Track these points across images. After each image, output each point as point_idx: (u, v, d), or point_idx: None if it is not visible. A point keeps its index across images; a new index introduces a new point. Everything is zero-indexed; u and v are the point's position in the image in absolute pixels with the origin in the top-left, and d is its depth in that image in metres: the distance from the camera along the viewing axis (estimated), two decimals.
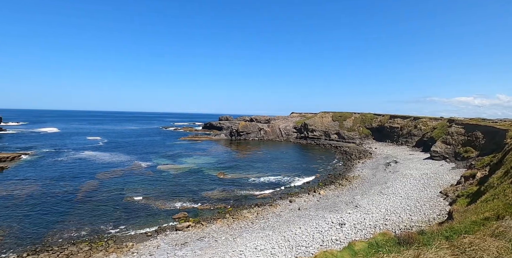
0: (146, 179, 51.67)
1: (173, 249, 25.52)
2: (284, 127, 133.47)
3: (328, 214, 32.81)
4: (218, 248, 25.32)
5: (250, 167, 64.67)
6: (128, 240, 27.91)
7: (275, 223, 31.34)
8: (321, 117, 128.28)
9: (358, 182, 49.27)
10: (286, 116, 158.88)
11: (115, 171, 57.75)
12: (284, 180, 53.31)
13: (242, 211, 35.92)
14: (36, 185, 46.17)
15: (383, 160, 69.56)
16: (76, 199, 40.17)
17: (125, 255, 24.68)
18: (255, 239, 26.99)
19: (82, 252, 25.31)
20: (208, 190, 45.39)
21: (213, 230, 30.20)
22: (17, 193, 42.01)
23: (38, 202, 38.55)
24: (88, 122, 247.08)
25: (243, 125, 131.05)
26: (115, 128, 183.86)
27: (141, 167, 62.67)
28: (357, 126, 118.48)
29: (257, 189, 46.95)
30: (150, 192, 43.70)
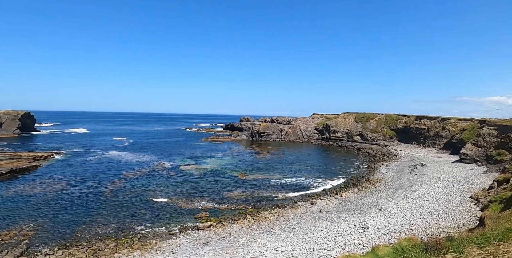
0: (169, 179, 52.87)
1: (195, 248, 25.93)
2: (306, 128, 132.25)
3: (350, 217, 32.15)
4: (239, 249, 25.46)
5: (271, 168, 64.58)
6: (151, 238, 28.65)
7: (296, 225, 31.10)
8: (343, 118, 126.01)
9: (382, 185, 47.93)
10: (308, 117, 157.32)
11: (140, 170, 59.55)
12: (306, 182, 52.78)
13: (263, 212, 35.92)
14: (67, 183, 48.47)
15: (408, 163, 67.26)
16: (103, 197, 41.77)
17: (149, 252, 25.36)
18: (276, 240, 26.91)
19: (108, 248, 26.29)
20: (229, 191, 45.77)
21: (234, 230, 30.40)
22: (49, 190, 44.32)
23: (68, 199, 40.45)
24: (115, 123, 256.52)
25: (264, 126, 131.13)
26: (139, 129, 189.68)
27: (165, 167, 64.22)
28: (381, 127, 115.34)
29: (278, 190, 46.79)
30: (173, 192, 44.68)
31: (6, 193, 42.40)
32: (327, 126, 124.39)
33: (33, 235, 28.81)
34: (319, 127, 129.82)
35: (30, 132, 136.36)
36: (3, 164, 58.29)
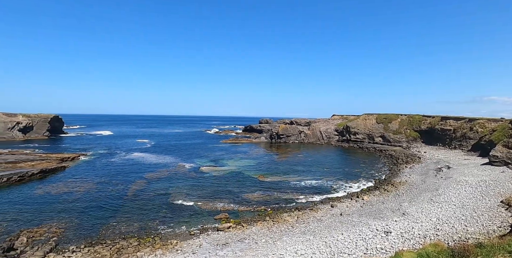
0: (190, 180, 53.70)
1: (215, 249, 26.15)
2: (325, 129, 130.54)
3: (372, 221, 31.35)
4: (258, 250, 25.43)
5: (290, 170, 64.18)
6: (172, 238, 29.16)
7: (316, 228, 30.69)
8: (364, 119, 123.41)
9: (405, 188, 46.45)
10: (327, 118, 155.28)
11: (161, 171, 60.89)
12: (325, 184, 52.04)
13: (282, 215, 35.71)
14: (92, 183, 50.32)
15: (433, 165, 64.82)
16: (126, 197, 43.01)
17: (170, 251, 25.82)
18: (295, 243, 26.66)
19: (131, 246, 27.01)
20: (248, 192, 45.87)
21: (253, 232, 30.41)
22: (76, 190, 46.17)
23: (94, 198, 41.97)
24: (137, 126, 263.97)
25: (283, 128, 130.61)
26: (161, 131, 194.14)
27: (185, 168, 65.31)
28: (403, 128, 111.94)
29: (298, 192, 46.39)
30: (193, 193, 45.32)
31: (36, 192, 44.58)
32: (348, 128, 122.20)
33: (61, 232, 30.08)
34: (339, 129, 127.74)
35: (59, 134, 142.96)
36: (34, 165, 61.33)
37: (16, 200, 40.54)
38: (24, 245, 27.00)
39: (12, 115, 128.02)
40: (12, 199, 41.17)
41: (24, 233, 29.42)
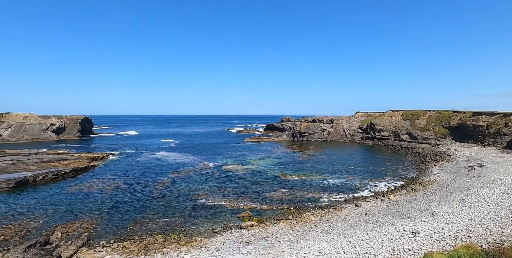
0: (213, 179, 54.47)
1: (238, 247, 26.38)
2: (349, 127, 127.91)
3: (399, 221, 30.38)
4: (281, 249, 25.39)
5: (313, 169, 63.47)
6: (197, 235, 29.72)
7: (340, 227, 30.18)
8: (389, 116, 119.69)
9: (434, 187, 44.60)
10: (351, 116, 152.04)
11: (185, 170, 62.19)
12: (349, 183, 51.01)
13: (306, 213, 35.41)
14: (120, 181, 52.27)
15: (464, 163, 61.77)
16: (152, 195, 44.32)
17: (195, 248, 26.34)
18: (319, 242, 26.37)
19: (158, 243, 27.82)
20: (271, 191, 45.86)
21: (276, 230, 30.38)
22: (105, 187, 48.15)
23: (122, 196, 43.59)
24: (162, 126, 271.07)
25: (306, 126, 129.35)
26: (184, 131, 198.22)
27: (208, 167, 66.31)
28: (432, 125, 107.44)
29: (321, 191, 45.81)
30: (216, 191, 45.94)
31: (69, 190, 46.94)
32: (372, 125, 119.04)
33: (92, 228, 31.51)
34: (363, 126, 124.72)
35: (89, 135, 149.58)
36: (67, 164, 64.59)
37: (51, 197, 42.91)
38: (59, 239, 28.53)
39: (46, 117, 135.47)
40: (48, 196, 43.62)
41: (58, 228, 31.09)
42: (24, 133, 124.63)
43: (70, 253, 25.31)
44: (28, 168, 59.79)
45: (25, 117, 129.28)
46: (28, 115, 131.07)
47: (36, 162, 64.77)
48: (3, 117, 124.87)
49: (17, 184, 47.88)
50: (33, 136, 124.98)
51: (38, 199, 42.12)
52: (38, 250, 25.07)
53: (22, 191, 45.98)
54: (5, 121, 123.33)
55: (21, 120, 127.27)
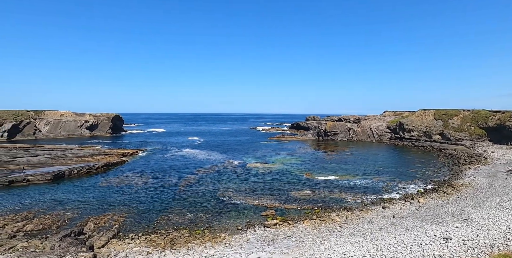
0: (237, 176, 54.98)
1: (261, 245, 26.47)
2: (376, 127, 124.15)
3: (429, 226, 29.12)
4: (304, 249, 25.18)
5: (338, 169, 62.29)
6: (221, 231, 30.16)
7: (366, 230, 29.42)
8: (420, 116, 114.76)
9: (468, 191, 42.27)
10: (378, 115, 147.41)
11: (210, 167, 63.27)
12: (376, 184, 49.54)
13: (330, 214, 34.85)
14: (148, 177, 54.13)
15: (503, 167, 57.99)
16: (178, 190, 45.51)
17: (219, 244, 26.75)
18: (343, 244, 25.87)
19: (183, 237, 28.55)
20: (295, 190, 45.56)
21: (300, 230, 30.16)
22: (134, 182, 50.05)
23: (150, 191, 45.13)
24: (187, 124, 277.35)
25: (331, 125, 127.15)
26: (210, 129, 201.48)
27: (233, 164, 67.01)
28: (466, 125, 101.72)
29: (346, 192, 44.86)
30: (240, 189, 46.35)
31: (101, 184, 49.28)
32: (401, 125, 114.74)
33: (122, 221, 32.90)
34: (392, 126, 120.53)
35: (120, 132, 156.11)
36: (99, 159, 67.83)
37: (85, 190, 45.29)
38: (91, 230, 30.08)
39: (81, 114, 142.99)
40: (81, 189, 46.09)
41: (91, 220, 32.76)
42: (61, 129, 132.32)
43: (101, 243, 26.60)
44: (65, 162, 63.45)
45: (62, 115, 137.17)
46: (65, 113, 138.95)
47: (71, 157, 68.58)
48: (43, 114, 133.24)
49: (55, 177, 50.97)
50: (69, 132, 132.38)
51: (73, 191, 44.61)
52: (73, 239, 26.58)
53: (59, 184, 48.91)
54: (44, 118, 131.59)
55: (58, 117, 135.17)
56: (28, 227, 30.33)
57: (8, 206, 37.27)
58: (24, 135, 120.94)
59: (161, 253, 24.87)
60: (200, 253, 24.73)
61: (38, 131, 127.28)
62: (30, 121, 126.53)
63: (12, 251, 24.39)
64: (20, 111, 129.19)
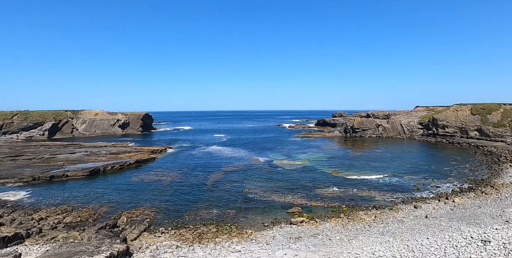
0: (263, 173, 55.18)
1: (288, 242, 26.42)
2: (407, 122, 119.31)
3: (465, 227, 27.61)
4: (332, 247, 24.83)
5: (367, 166, 60.65)
6: (247, 228, 30.45)
7: (397, 230, 28.46)
8: (455, 111, 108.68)
9: (510, 191, 39.58)
10: (409, 110, 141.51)
11: (237, 164, 63.97)
12: (407, 183, 47.70)
13: (358, 212, 34.07)
14: (177, 173, 55.72)
15: None
16: (206, 187, 46.48)
17: (245, 240, 27.05)
18: (372, 243, 25.20)
19: (210, 232, 29.16)
20: (322, 188, 44.97)
21: (327, 228, 29.77)
22: (164, 178, 51.73)
23: (178, 187, 46.46)
24: (214, 121, 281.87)
25: (359, 121, 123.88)
26: (236, 126, 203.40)
27: (259, 161, 67.30)
28: (508, 120, 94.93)
29: (375, 190, 43.59)
30: (266, 185, 46.48)
31: (132, 179, 51.44)
32: (435, 120, 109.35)
33: (152, 215, 34.17)
34: (424, 122, 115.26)
35: (149, 130, 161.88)
36: (131, 156, 70.78)
37: (118, 185, 47.50)
38: (125, 223, 31.53)
39: (114, 113, 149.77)
40: (115, 184, 48.38)
41: (124, 214, 34.32)
42: (95, 127, 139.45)
43: (134, 236, 27.82)
44: (99, 159, 66.85)
45: (96, 114, 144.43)
46: (99, 112, 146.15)
47: (105, 154, 72.12)
48: (79, 114, 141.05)
49: (91, 172, 53.87)
50: (103, 130, 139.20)
51: (107, 186, 46.94)
52: (107, 231, 28.01)
53: (94, 179, 51.68)
54: (80, 117, 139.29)
55: (93, 116, 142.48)
56: (68, 219, 32.36)
57: (49, 200, 39.98)
58: (62, 134, 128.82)
59: (190, 247, 25.57)
60: (227, 249, 25.15)
61: (75, 129, 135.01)
62: (68, 120, 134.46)
63: (54, 241, 26.16)
64: (59, 111, 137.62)
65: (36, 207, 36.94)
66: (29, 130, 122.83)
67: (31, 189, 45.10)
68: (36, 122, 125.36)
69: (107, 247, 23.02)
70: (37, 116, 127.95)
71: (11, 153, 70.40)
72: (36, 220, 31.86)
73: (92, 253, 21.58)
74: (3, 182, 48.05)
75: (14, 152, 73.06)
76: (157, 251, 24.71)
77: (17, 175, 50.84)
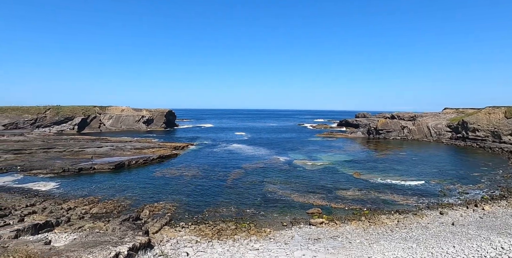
0: (283, 173, 54.96)
1: (306, 243, 26.18)
2: (435, 125, 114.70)
3: (495, 237, 26.22)
4: (352, 250, 24.36)
5: (390, 169, 58.92)
6: (266, 226, 30.44)
7: (420, 236, 27.48)
8: (487, 114, 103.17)
9: None
10: (437, 112, 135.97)
11: (257, 163, 64.09)
12: (433, 187, 45.88)
13: (380, 216, 33.19)
14: (198, 169, 56.64)
15: None
16: (226, 184, 46.92)
17: (264, 239, 27.07)
18: (394, 249, 24.49)
19: (229, 229, 29.42)
20: (342, 189, 44.18)
21: (347, 231, 29.22)
22: (185, 174, 52.75)
23: (199, 183, 47.22)
24: (235, 119, 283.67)
25: (383, 123, 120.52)
26: (256, 125, 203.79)
27: (279, 161, 67.09)
28: None
29: (398, 194, 42.26)
30: (286, 185, 46.26)
31: (155, 174, 52.82)
32: (464, 123, 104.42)
33: (173, 209, 34.95)
34: (453, 124, 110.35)
35: (172, 126, 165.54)
36: (154, 151, 72.68)
37: (141, 179, 48.97)
38: (147, 216, 32.45)
39: (138, 110, 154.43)
40: (139, 178, 49.93)
41: (147, 207, 35.33)
42: (121, 123, 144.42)
43: (155, 229, 28.58)
44: (124, 153, 69.17)
45: (122, 110, 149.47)
46: (125, 108, 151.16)
47: (130, 149, 74.52)
48: (106, 110, 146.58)
49: (116, 166, 55.86)
50: (128, 126, 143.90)
51: (131, 180, 48.51)
52: (131, 223, 28.95)
53: (119, 173, 53.56)
54: (107, 113, 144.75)
55: (119, 112, 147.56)
56: (94, 210, 33.77)
57: (77, 191, 41.90)
58: (91, 128, 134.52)
59: (209, 243, 25.93)
60: (245, 246, 25.30)
61: (103, 124, 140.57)
62: (96, 116, 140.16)
63: (81, 230, 27.36)
64: (87, 106, 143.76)
65: (65, 197, 38.83)
66: (60, 124, 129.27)
67: (60, 180, 47.43)
68: (66, 116, 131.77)
69: (130, 239, 23.77)
70: (68, 111, 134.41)
71: (43, 146, 74.29)
72: (65, 210, 33.49)
73: (116, 244, 22.37)
74: (36, 172, 50.85)
75: (47, 144, 77.05)
76: (177, 245, 25.25)
77: (48, 167, 53.67)
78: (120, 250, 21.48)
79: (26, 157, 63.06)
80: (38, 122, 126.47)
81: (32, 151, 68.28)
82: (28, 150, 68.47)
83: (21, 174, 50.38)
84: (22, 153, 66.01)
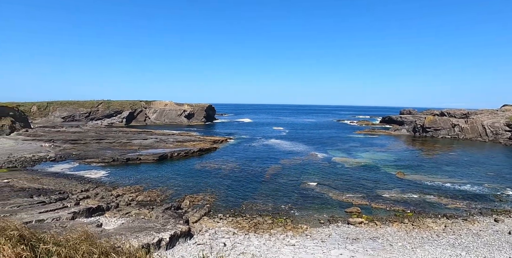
0: (322, 169, 53.98)
1: (344, 242, 25.56)
2: (491, 123, 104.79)
3: None
4: (392, 254, 23.32)
5: (437, 170, 55.13)
6: (302, 223, 30.21)
7: (471, 243, 25.46)
8: None
9: None
10: (495, 109, 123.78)
11: (295, 158, 63.64)
12: (487, 191, 42.11)
13: (425, 220, 31.28)
14: (236, 163, 57.71)
15: None
16: (263, 179, 47.28)
17: (300, 235, 26.92)
18: (440, 255, 23.00)
19: (266, 223, 29.66)
20: (384, 189, 42.30)
21: (388, 232, 27.98)
22: (224, 167, 54.05)
23: (237, 176, 48.13)
24: (273, 114, 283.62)
25: (431, 120, 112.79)
26: (295, 120, 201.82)
27: (317, 157, 65.99)
28: None
29: (446, 197, 39.39)
30: (324, 182, 45.41)
31: (195, 166, 54.80)
32: None
33: (212, 201, 36.07)
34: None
35: (212, 120, 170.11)
36: (195, 145, 75.36)
37: (183, 171, 51.15)
38: (187, 206, 33.90)
39: (180, 104, 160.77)
40: (180, 169, 52.20)
41: (187, 197, 36.86)
42: (164, 117, 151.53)
43: (195, 219, 29.76)
44: (167, 146, 72.61)
45: (165, 104, 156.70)
46: (168, 103, 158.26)
47: (172, 141, 78.02)
48: (151, 104, 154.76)
49: (160, 157, 58.88)
50: (171, 120, 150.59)
51: (174, 171, 50.86)
52: (172, 212, 30.48)
53: (162, 164, 56.42)
54: (152, 107, 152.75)
55: (163, 106, 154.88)
56: (139, 198, 36.02)
57: (125, 179, 44.96)
58: (137, 121, 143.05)
59: (246, 236, 26.42)
60: (281, 241, 25.38)
61: (148, 118, 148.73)
62: (142, 110, 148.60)
63: (128, 216, 29.36)
64: (134, 101, 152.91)
65: (114, 184, 41.90)
66: (111, 117, 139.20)
67: (109, 169, 51.20)
68: (116, 110, 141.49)
69: (172, 226, 25.03)
70: (117, 105, 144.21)
71: (96, 137, 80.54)
72: (114, 196, 36.13)
73: (159, 230, 23.70)
74: (89, 161, 55.41)
75: (99, 136, 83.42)
76: (215, 236, 26.07)
77: (100, 156, 58.17)
78: (163, 237, 22.74)
79: (81, 147, 68.96)
80: (91, 115, 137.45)
81: (86, 141, 74.41)
82: (83, 141, 74.75)
83: (77, 162, 55.22)
84: (78, 143, 72.27)
